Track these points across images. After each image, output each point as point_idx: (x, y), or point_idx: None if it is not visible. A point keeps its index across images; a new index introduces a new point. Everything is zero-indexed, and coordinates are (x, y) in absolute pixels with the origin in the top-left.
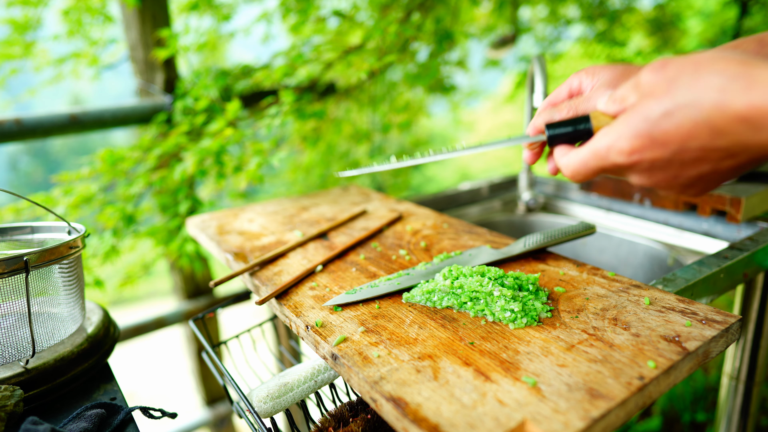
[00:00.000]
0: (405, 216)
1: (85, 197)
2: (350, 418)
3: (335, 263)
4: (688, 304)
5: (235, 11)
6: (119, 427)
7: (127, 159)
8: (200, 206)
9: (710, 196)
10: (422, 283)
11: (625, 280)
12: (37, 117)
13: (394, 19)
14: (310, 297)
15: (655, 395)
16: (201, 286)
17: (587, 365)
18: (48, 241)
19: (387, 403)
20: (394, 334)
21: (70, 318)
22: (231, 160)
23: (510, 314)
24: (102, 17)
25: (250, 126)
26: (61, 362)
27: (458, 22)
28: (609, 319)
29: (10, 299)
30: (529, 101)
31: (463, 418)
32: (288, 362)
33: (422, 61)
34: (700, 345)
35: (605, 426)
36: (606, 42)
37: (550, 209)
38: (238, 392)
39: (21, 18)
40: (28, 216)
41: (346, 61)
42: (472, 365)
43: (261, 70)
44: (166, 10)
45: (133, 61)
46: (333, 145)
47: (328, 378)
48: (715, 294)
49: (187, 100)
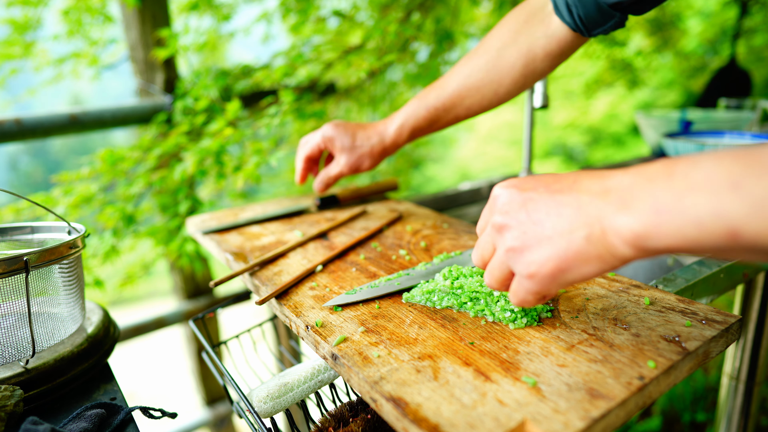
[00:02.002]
0: (405, 216)
1: (85, 197)
2: (350, 418)
3: (335, 263)
4: (688, 304)
5: (235, 11)
6: (119, 427)
7: (127, 159)
8: (200, 206)
9: None
10: (422, 283)
11: (625, 280)
12: (37, 117)
13: (394, 19)
14: (310, 297)
15: (655, 395)
16: (201, 286)
17: (587, 365)
18: (48, 241)
19: (387, 403)
20: (394, 334)
21: (70, 318)
22: (231, 160)
23: (510, 314)
24: (102, 17)
25: (250, 126)
26: (61, 362)
27: (458, 22)
28: (609, 319)
29: (10, 299)
30: (529, 101)
31: (463, 418)
32: (288, 362)
33: (422, 61)
34: (700, 345)
35: (605, 426)
36: (606, 42)
37: None
38: (238, 392)
39: (21, 18)
40: (28, 216)
41: (346, 61)
42: (472, 365)
43: (261, 70)
44: (166, 10)
45: (133, 61)
46: None
47: (328, 378)
48: (715, 294)
49: (187, 100)
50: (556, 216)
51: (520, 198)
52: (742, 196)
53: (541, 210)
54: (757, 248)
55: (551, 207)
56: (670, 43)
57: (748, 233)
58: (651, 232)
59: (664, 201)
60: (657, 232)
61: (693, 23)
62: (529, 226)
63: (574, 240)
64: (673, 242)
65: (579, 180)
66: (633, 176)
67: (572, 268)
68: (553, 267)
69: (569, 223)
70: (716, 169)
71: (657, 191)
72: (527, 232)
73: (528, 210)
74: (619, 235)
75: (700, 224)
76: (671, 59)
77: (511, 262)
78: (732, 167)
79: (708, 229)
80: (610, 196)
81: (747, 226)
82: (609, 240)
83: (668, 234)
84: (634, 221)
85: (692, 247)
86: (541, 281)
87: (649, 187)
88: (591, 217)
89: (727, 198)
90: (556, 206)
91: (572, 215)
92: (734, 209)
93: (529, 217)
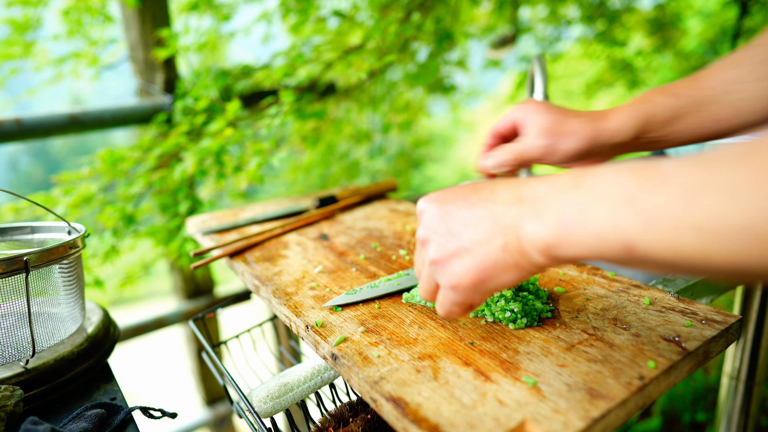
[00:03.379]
0: (405, 216)
1: (85, 197)
2: (350, 418)
3: (335, 263)
4: (688, 304)
5: (235, 11)
6: (119, 427)
7: (127, 159)
8: (200, 206)
9: None
10: None
11: (625, 280)
12: (37, 117)
13: (394, 19)
14: (310, 297)
15: (655, 395)
16: (201, 286)
17: (587, 365)
18: (48, 241)
19: (387, 403)
20: (394, 334)
21: (70, 318)
22: (231, 160)
23: (510, 314)
24: (102, 17)
25: (250, 126)
26: (61, 362)
27: (458, 22)
28: (609, 319)
29: (10, 299)
30: None
31: (463, 418)
32: (288, 362)
33: (422, 61)
34: (700, 345)
35: (605, 426)
36: (606, 42)
37: None
38: (238, 392)
39: (21, 18)
40: (28, 216)
41: (346, 61)
42: (472, 365)
43: (261, 70)
44: (166, 10)
45: (133, 61)
46: (333, 145)
47: (328, 378)
48: (715, 294)
49: (187, 100)
50: (474, 227)
51: (439, 212)
52: (636, 211)
53: (459, 222)
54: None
55: (468, 218)
56: (670, 43)
57: (641, 247)
58: (560, 243)
59: (570, 213)
60: (565, 243)
61: (693, 23)
62: (449, 238)
63: (491, 250)
64: (580, 252)
65: (495, 190)
66: (546, 186)
67: (492, 278)
68: (473, 277)
69: (486, 234)
70: (615, 183)
71: (565, 203)
72: (446, 244)
73: (447, 223)
74: (532, 244)
75: (601, 237)
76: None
77: (435, 274)
78: (628, 182)
79: (608, 242)
80: (524, 205)
81: (641, 240)
82: (524, 248)
83: (575, 244)
84: (545, 231)
85: (598, 258)
86: (464, 291)
87: (559, 198)
88: (506, 227)
89: (622, 212)
90: (473, 218)
91: (488, 226)
92: (628, 223)
93: (448, 230)
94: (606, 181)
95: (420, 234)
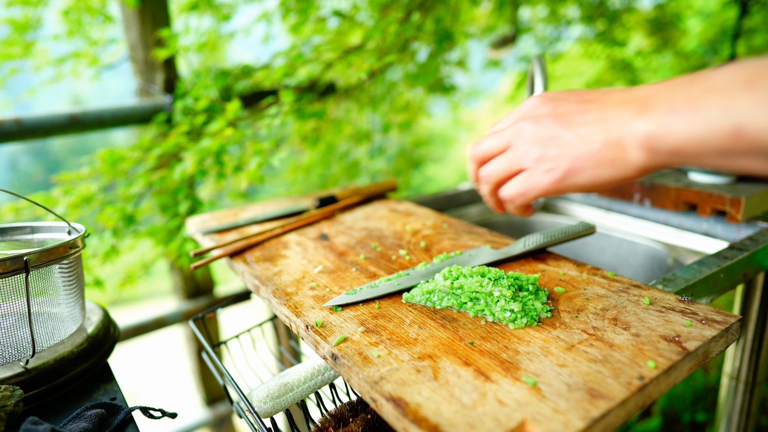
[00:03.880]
0: (405, 216)
1: (85, 197)
2: (350, 418)
3: (335, 263)
4: (688, 304)
5: (235, 11)
6: (119, 427)
7: (127, 159)
8: (200, 206)
9: (710, 196)
10: (422, 283)
11: (625, 280)
12: (37, 117)
13: (394, 19)
14: (310, 297)
15: (655, 395)
16: (201, 286)
17: (587, 365)
18: (48, 241)
19: (387, 403)
20: (394, 334)
21: (70, 318)
22: (231, 160)
23: (510, 314)
24: (102, 17)
25: (250, 126)
26: (61, 362)
27: (458, 22)
28: (609, 319)
29: (10, 299)
30: None
31: (463, 418)
32: (288, 362)
33: (422, 61)
34: (700, 345)
35: (605, 426)
36: (606, 42)
37: (550, 209)
38: (238, 392)
39: (21, 18)
40: (28, 216)
41: (346, 61)
42: (472, 365)
43: (261, 70)
44: (166, 10)
45: (133, 61)
46: (333, 145)
47: (328, 378)
48: (715, 294)
49: (187, 100)
50: (581, 119)
51: (550, 102)
52: (752, 94)
53: (567, 112)
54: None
55: (577, 111)
56: (670, 43)
57: (751, 129)
58: (663, 131)
59: (680, 102)
60: (669, 131)
61: (693, 23)
62: (554, 126)
63: (592, 142)
64: (682, 143)
65: (610, 92)
66: (660, 86)
67: (586, 169)
68: (569, 165)
69: (590, 126)
70: (736, 72)
71: (676, 95)
72: (551, 130)
73: (556, 113)
74: (634, 136)
75: (709, 123)
76: (671, 59)
77: (528, 155)
78: (751, 69)
79: (715, 127)
80: (633, 103)
81: (751, 122)
82: (624, 143)
83: (678, 132)
84: (649, 122)
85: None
86: (554, 176)
87: (671, 93)
88: (611, 122)
89: (738, 96)
90: (582, 111)
91: (594, 119)
92: (742, 105)
93: (555, 118)
94: (726, 72)
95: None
